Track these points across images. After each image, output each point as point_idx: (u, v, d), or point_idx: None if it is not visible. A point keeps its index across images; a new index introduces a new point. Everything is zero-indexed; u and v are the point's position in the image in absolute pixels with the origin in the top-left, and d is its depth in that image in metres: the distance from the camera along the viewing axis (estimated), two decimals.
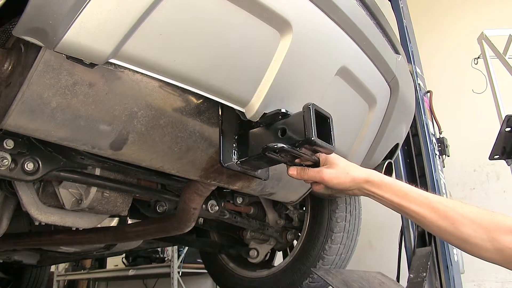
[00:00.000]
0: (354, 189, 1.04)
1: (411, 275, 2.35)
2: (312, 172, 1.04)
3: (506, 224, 0.87)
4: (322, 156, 1.06)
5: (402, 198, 0.97)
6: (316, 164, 1.10)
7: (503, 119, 2.50)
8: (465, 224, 0.89)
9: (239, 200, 1.90)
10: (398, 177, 2.76)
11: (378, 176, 1.02)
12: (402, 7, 3.03)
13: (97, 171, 1.35)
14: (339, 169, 1.02)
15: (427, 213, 0.94)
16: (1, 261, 2.59)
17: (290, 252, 2.10)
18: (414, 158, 2.81)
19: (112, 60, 0.78)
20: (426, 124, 2.79)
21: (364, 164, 1.59)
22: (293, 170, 1.07)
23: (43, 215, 1.39)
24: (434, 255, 2.47)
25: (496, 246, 0.86)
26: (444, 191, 2.71)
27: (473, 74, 3.38)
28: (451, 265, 2.39)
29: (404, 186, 1.00)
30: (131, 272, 4.49)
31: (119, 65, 0.81)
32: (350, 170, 1.03)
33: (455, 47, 4.22)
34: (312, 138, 0.93)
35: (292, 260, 2.01)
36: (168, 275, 4.27)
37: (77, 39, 0.71)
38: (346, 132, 1.40)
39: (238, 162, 1.09)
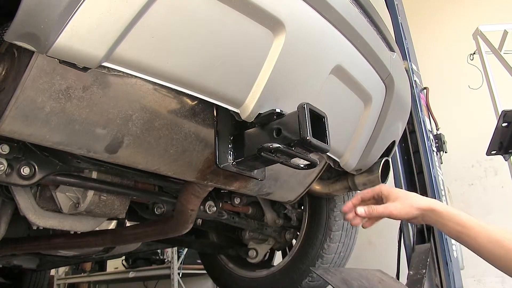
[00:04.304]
0: (418, 217, 1.12)
1: (411, 272, 2.36)
2: (381, 209, 1.13)
3: None
4: (383, 193, 1.16)
5: (463, 226, 1.04)
6: (312, 164, 1.10)
7: (500, 114, 2.50)
8: None
9: (237, 201, 1.90)
10: (396, 174, 2.76)
11: (441, 206, 1.10)
12: (397, 4, 3.03)
13: (94, 175, 1.35)
14: (403, 202, 1.11)
15: (485, 243, 1.01)
16: (1, 266, 2.59)
17: (289, 252, 2.11)
18: (412, 155, 2.81)
19: (105, 64, 0.78)
20: (423, 121, 2.79)
21: (361, 162, 1.59)
22: (360, 210, 1.15)
23: (41, 219, 1.39)
24: (434, 252, 2.47)
25: None
26: (442, 187, 2.71)
27: (469, 70, 3.38)
28: (451, 261, 2.40)
29: (464, 216, 1.07)
30: (131, 274, 4.49)
31: (112, 68, 0.80)
32: (413, 201, 1.11)
33: (450, 43, 4.22)
34: (307, 138, 0.93)
35: (291, 260, 2.01)
36: (168, 277, 4.26)
37: (69, 43, 0.70)
38: (341, 131, 1.40)
39: (234, 163, 1.09)
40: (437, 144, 2.87)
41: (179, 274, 4.25)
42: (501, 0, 4.12)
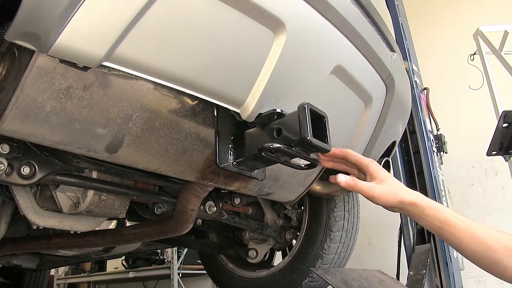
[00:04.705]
0: (396, 208, 1.08)
1: (411, 273, 2.36)
2: (365, 187, 1.06)
3: None
4: (370, 169, 1.08)
5: (444, 223, 1.02)
6: (313, 164, 1.10)
7: (500, 115, 2.50)
8: (499, 249, 0.97)
9: (237, 201, 1.89)
10: (396, 174, 2.76)
11: (425, 200, 1.05)
12: (397, 4, 3.03)
13: (94, 174, 1.35)
14: (388, 189, 1.05)
15: (464, 239, 1.00)
16: (1, 265, 2.58)
17: (289, 252, 2.10)
18: (412, 155, 2.82)
19: (105, 63, 0.77)
20: (423, 121, 2.79)
21: None
22: (341, 178, 1.07)
23: (41, 219, 1.39)
24: (434, 252, 2.48)
25: None
26: (442, 188, 2.71)
27: (470, 71, 3.38)
28: (451, 261, 2.40)
29: (447, 212, 1.04)
30: (131, 274, 4.50)
31: (113, 68, 0.80)
32: (399, 191, 1.06)
33: (451, 43, 4.23)
34: (308, 138, 0.93)
35: (291, 260, 2.01)
36: (168, 277, 4.27)
37: (70, 43, 0.70)
38: (342, 131, 1.40)
39: (234, 162, 1.09)
40: (437, 145, 2.88)
41: (179, 274, 4.25)
42: (501, 1, 4.12)
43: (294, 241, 2.18)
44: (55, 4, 0.66)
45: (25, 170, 1.12)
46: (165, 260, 4.62)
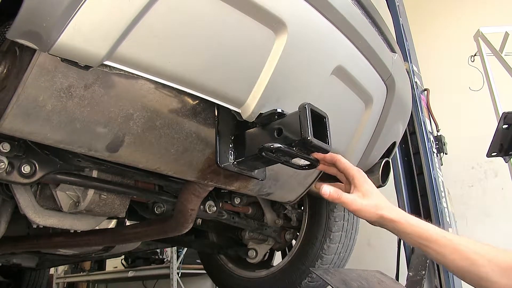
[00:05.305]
0: (376, 223, 1.08)
1: (410, 273, 2.36)
2: (346, 199, 1.06)
3: None
4: (355, 181, 1.08)
5: (426, 240, 1.02)
6: (313, 164, 1.10)
7: (500, 116, 2.51)
8: (484, 264, 0.96)
9: (237, 201, 1.90)
10: (396, 175, 2.76)
11: (405, 218, 1.05)
12: (398, 5, 3.03)
13: (94, 173, 1.35)
14: (370, 204, 1.05)
15: (448, 254, 1.00)
16: (0, 264, 2.58)
17: (288, 252, 2.10)
18: (412, 156, 2.81)
19: (107, 62, 0.77)
20: (424, 122, 2.79)
21: (361, 163, 1.59)
22: (326, 190, 1.06)
23: (41, 218, 1.39)
24: None
25: (509, 282, 0.94)
26: (442, 189, 2.71)
27: (470, 72, 3.39)
28: None
29: (429, 228, 1.04)
30: (130, 274, 4.50)
31: (114, 67, 0.80)
32: (381, 209, 1.05)
33: (451, 44, 4.23)
34: (308, 138, 0.93)
35: (291, 260, 2.01)
36: (167, 276, 4.27)
37: (71, 42, 0.70)
38: (342, 131, 1.40)
39: (235, 162, 1.09)
40: (438, 146, 2.88)
41: (178, 273, 4.26)
42: (502, 2, 4.12)
43: (293, 241, 2.18)
44: (57, 2, 0.66)
45: (26, 169, 1.12)
46: (165, 260, 4.62)
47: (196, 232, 2.42)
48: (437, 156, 2.83)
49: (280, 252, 2.34)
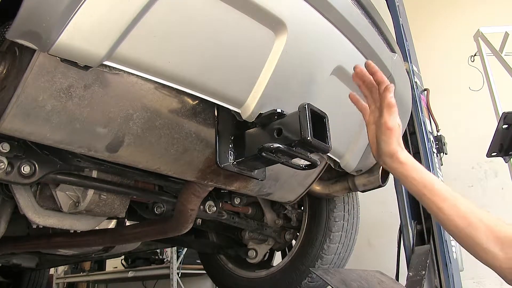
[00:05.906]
0: (385, 160, 1.07)
1: (410, 273, 2.35)
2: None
3: None
4: (387, 107, 1.09)
5: (430, 190, 0.99)
6: (313, 164, 1.10)
7: (500, 116, 2.50)
8: (481, 229, 0.91)
9: (237, 201, 1.89)
10: None
11: (415, 165, 1.03)
12: (398, 5, 3.02)
13: (94, 174, 1.35)
14: (391, 138, 1.07)
15: (447, 209, 0.96)
16: (0, 264, 2.58)
17: (288, 252, 2.10)
18: (412, 156, 2.81)
19: (106, 62, 0.78)
20: (424, 122, 2.79)
21: (362, 163, 1.59)
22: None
23: (40, 218, 1.39)
24: (433, 253, 2.47)
25: (508, 256, 0.89)
26: None
27: (470, 72, 3.38)
28: (450, 262, 2.40)
29: (432, 178, 1.01)
30: (130, 274, 4.49)
31: (113, 67, 0.80)
32: (400, 144, 1.07)
33: (451, 45, 4.22)
34: (308, 138, 0.93)
35: (291, 260, 2.01)
36: (167, 276, 4.26)
37: (71, 42, 0.70)
38: (342, 131, 1.40)
39: (235, 162, 1.09)
40: (437, 146, 2.87)
41: (178, 274, 4.25)
42: (502, 2, 4.12)
43: (293, 241, 2.18)
44: (57, 3, 0.66)
45: (25, 169, 1.12)
46: (165, 260, 4.61)
47: (196, 232, 2.42)
48: (437, 156, 2.83)
49: (280, 252, 2.34)
